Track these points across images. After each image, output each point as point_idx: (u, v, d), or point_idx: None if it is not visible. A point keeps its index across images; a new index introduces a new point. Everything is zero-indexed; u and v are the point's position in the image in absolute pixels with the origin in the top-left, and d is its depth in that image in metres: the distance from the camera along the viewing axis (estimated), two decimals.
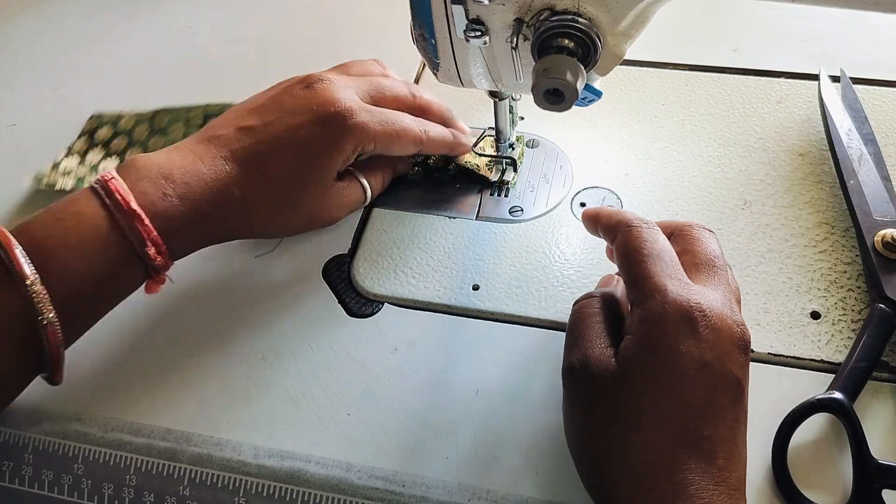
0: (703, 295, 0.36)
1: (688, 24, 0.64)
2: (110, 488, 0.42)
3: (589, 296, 0.40)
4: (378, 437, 0.42)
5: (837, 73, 0.55)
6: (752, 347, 0.43)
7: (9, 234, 0.39)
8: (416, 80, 0.62)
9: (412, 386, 0.44)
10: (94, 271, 0.41)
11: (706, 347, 0.34)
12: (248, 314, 0.48)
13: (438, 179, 0.54)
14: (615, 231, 0.39)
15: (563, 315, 0.46)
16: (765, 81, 0.58)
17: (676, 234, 0.40)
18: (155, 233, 0.42)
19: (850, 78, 0.54)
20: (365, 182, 0.50)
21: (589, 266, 0.48)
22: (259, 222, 0.46)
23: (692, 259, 0.38)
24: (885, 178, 0.48)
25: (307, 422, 0.43)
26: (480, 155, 0.54)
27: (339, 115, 0.45)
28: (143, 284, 0.44)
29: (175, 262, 0.44)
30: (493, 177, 0.53)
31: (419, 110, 0.51)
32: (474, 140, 0.53)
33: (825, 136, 0.52)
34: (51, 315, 0.39)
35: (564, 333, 0.45)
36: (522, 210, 0.52)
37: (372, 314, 0.47)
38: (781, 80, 0.58)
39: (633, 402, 0.34)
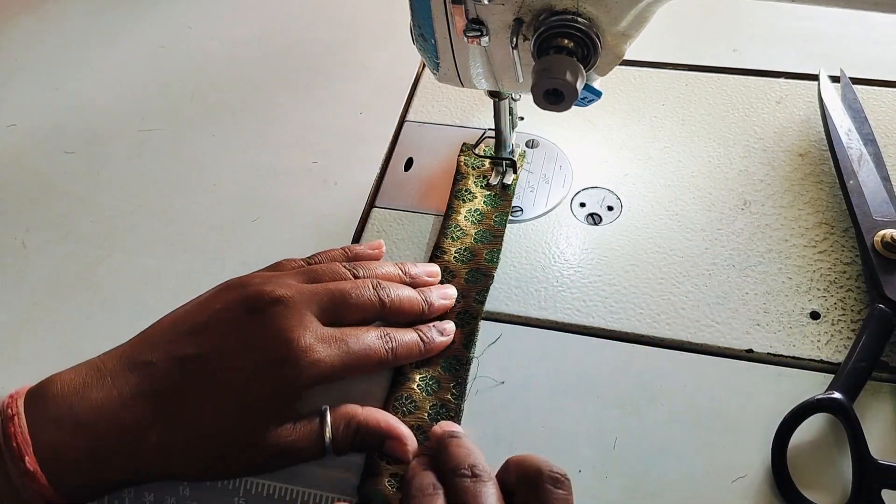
0: None
1: (688, 24, 0.64)
2: None
3: None
4: None
5: (837, 74, 0.55)
6: (752, 347, 0.44)
7: None
8: (416, 81, 0.62)
9: None
10: None
11: None
12: None
13: None
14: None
15: (563, 315, 0.46)
16: (765, 81, 0.58)
17: (524, 482, 0.36)
18: (50, 491, 0.36)
19: (850, 78, 0.54)
20: (328, 432, 0.40)
21: (589, 266, 0.48)
22: (180, 470, 0.39)
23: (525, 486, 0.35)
24: (885, 179, 0.48)
25: None
26: (480, 157, 0.54)
27: (289, 356, 0.38)
28: None
29: None
30: (493, 179, 0.53)
31: (390, 316, 0.43)
32: (450, 338, 0.45)
33: (825, 137, 0.52)
34: None
35: (564, 334, 0.45)
36: (522, 210, 0.52)
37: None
38: (781, 80, 0.58)
39: None
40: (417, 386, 0.43)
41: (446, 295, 0.46)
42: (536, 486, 0.35)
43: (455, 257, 0.48)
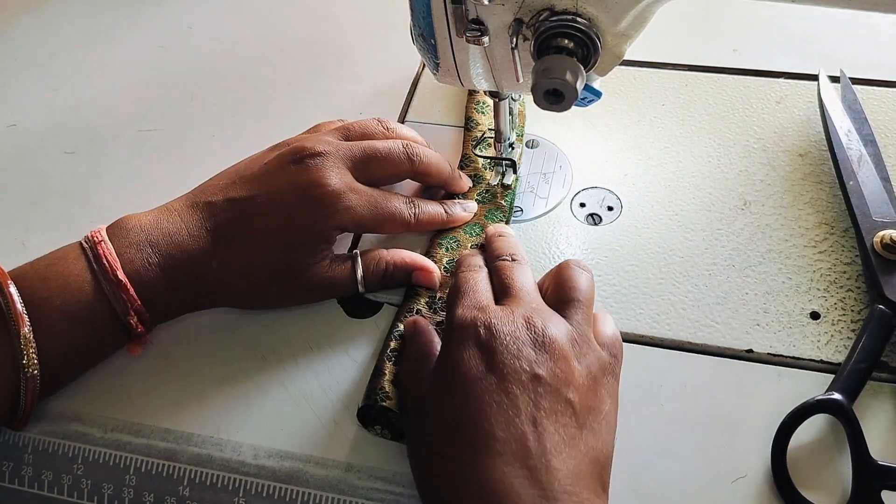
0: (496, 314, 0.38)
1: (688, 24, 0.64)
2: (110, 488, 0.42)
3: (409, 345, 0.43)
4: (378, 437, 0.42)
5: (837, 74, 0.55)
6: (752, 347, 0.44)
7: (10, 281, 0.40)
8: (416, 81, 0.62)
9: None
10: (77, 334, 0.42)
11: (490, 352, 0.37)
12: (248, 314, 0.48)
13: None
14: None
15: None
16: (764, 82, 0.58)
17: (553, 271, 0.44)
18: (139, 302, 0.42)
19: (850, 78, 0.54)
20: (360, 270, 0.46)
21: (589, 266, 0.48)
22: (236, 297, 0.46)
23: (553, 292, 0.42)
24: (885, 180, 0.48)
25: (307, 422, 0.43)
26: (479, 156, 0.54)
27: (324, 197, 0.44)
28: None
29: (158, 325, 0.45)
30: (493, 179, 0.53)
31: (418, 176, 0.49)
32: (470, 215, 0.51)
33: (825, 137, 0.52)
34: (35, 370, 0.40)
35: None
36: (522, 210, 0.52)
37: (372, 315, 0.47)
38: (781, 80, 0.58)
39: (428, 427, 0.37)
40: (443, 269, 0.48)
41: (464, 182, 0.52)
42: (563, 268, 0.43)
43: (445, 267, 0.48)
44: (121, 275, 0.42)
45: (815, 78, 0.55)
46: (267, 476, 0.41)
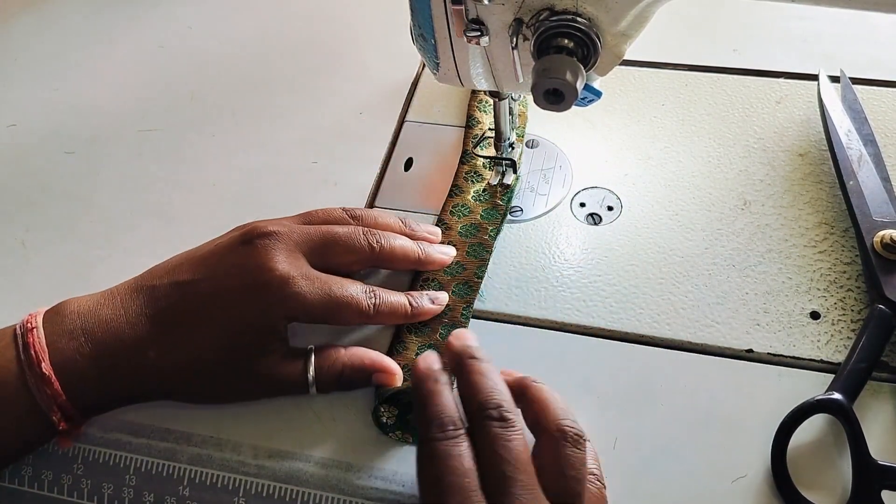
0: None
1: (688, 24, 0.64)
2: (110, 488, 0.42)
3: None
4: (378, 436, 0.42)
5: (837, 74, 0.55)
6: (752, 347, 0.44)
7: None
8: (416, 81, 0.62)
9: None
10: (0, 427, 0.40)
11: None
12: None
13: None
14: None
15: (563, 315, 0.46)
16: (764, 81, 0.58)
17: (544, 447, 0.36)
18: (63, 397, 0.40)
19: (850, 78, 0.54)
20: (311, 371, 0.42)
21: (589, 266, 0.48)
22: (176, 391, 0.42)
23: (549, 479, 0.35)
24: (885, 180, 0.48)
25: (307, 422, 0.43)
26: (479, 157, 0.54)
27: (271, 283, 0.41)
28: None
29: (90, 418, 0.43)
30: (493, 179, 0.53)
31: (382, 263, 0.46)
32: (440, 308, 0.46)
33: (825, 137, 0.52)
34: None
35: (564, 334, 0.45)
36: (522, 210, 0.52)
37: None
38: (781, 80, 0.58)
39: None
40: (415, 354, 0.44)
41: (444, 251, 0.48)
42: (554, 442, 0.36)
43: (445, 270, 0.48)
44: (45, 367, 0.39)
45: (815, 78, 0.55)
46: (267, 476, 0.41)
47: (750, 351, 0.44)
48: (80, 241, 0.54)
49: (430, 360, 0.39)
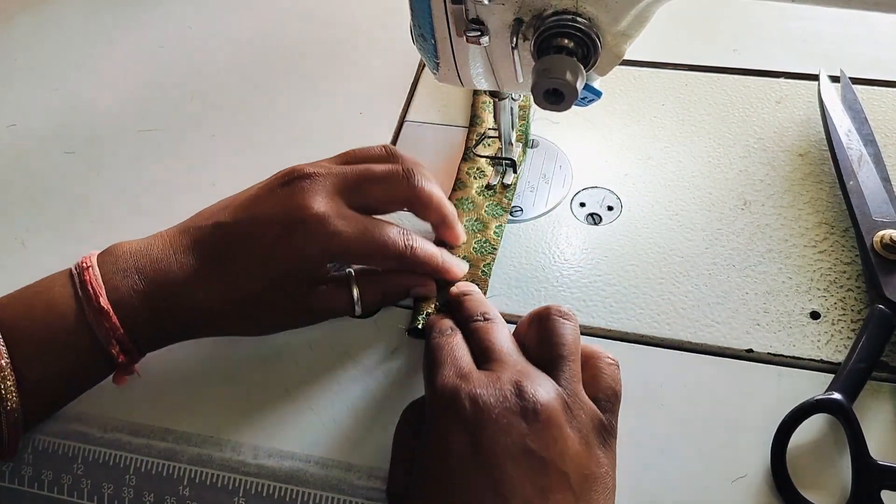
0: (481, 382, 0.36)
1: (688, 24, 0.64)
2: (110, 488, 0.42)
3: (410, 404, 0.41)
4: (378, 436, 0.42)
5: (837, 74, 0.55)
6: (752, 347, 0.44)
7: None
8: (416, 81, 0.62)
9: (412, 386, 0.44)
10: (60, 363, 0.41)
11: (476, 428, 0.34)
12: None
13: None
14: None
15: None
16: (764, 81, 0.58)
17: (534, 321, 0.40)
18: (121, 331, 0.41)
19: (850, 78, 0.54)
20: (356, 294, 0.45)
21: (589, 266, 0.48)
22: (221, 325, 0.44)
23: (537, 348, 0.39)
24: (885, 180, 0.48)
25: (307, 422, 0.43)
26: (479, 156, 0.54)
27: (307, 222, 0.42)
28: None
29: (145, 355, 0.44)
30: (493, 179, 0.53)
31: (417, 203, 0.46)
32: (465, 270, 0.48)
33: (825, 137, 0.52)
34: (13, 403, 0.39)
35: None
36: (522, 210, 0.52)
37: (372, 314, 0.47)
38: (781, 80, 0.58)
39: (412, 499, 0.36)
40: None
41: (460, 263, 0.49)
42: (545, 319, 0.40)
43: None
44: (104, 302, 0.40)
45: (815, 78, 0.55)
46: (267, 476, 0.41)
47: (750, 351, 0.44)
48: (80, 241, 0.54)
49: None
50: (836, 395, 0.39)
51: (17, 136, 0.62)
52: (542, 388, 0.36)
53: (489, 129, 0.56)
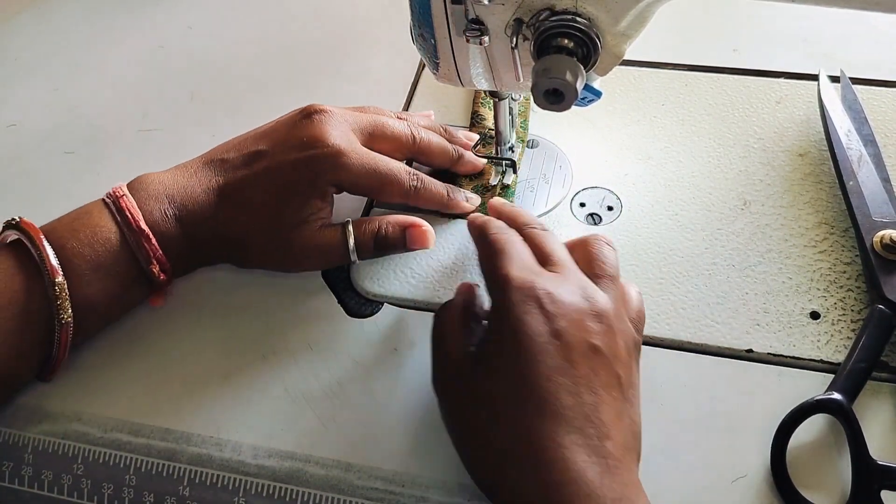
0: (551, 281, 0.38)
1: (688, 24, 0.64)
2: (110, 488, 0.42)
3: (448, 303, 0.42)
4: (378, 437, 0.42)
5: (837, 74, 0.55)
6: (752, 347, 0.44)
7: (42, 235, 0.42)
8: (416, 81, 0.62)
9: (412, 386, 0.44)
10: (105, 284, 0.44)
11: (554, 319, 0.36)
12: (248, 314, 0.48)
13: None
14: (478, 239, 0.42)
15: None
16: (764, 81, 0.58)
17: (577, 245, 0.42)
18: (160, 251, 0.44)
19: (850, 78, 0.54)
20: (351, 235, 0.47)
21: None
22: (245, 254, 0.47)
23: (584, 266, 0.41)
24: (885, 180, 0.48)
25: (307, 422, 0.43)
26: (480, 156, 0.54)
27: (323, 150, 0.45)
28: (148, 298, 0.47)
29: (178, 277, 0.48)
30: (493, 179, 0.53)
31: (421, 155, 0.50)
32: (476, 203, 0.51)
33: (825, 137, 0.52)
34: (69, 318, 0.41)
35: None
36: None
37: (372, 314, 0.47)
38: (781, 80, 0.58)
39: (488, 386, 0.36)
40: None
41: (477, 162, 0.52)
42: (590, 243, 0.42)
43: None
44: (143, 224, 0.44)
45: (815, 78, 0.55)
46: (267, 476, 0.41)
47: (750, 351, 0.44)
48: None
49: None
50: (836, 395, 0.39)
51: (17, 136, 0.62)
52: (602, 297, 0.38)
53: (489, 129, 0.56)
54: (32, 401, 0.45)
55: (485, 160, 0.53)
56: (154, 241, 0.44)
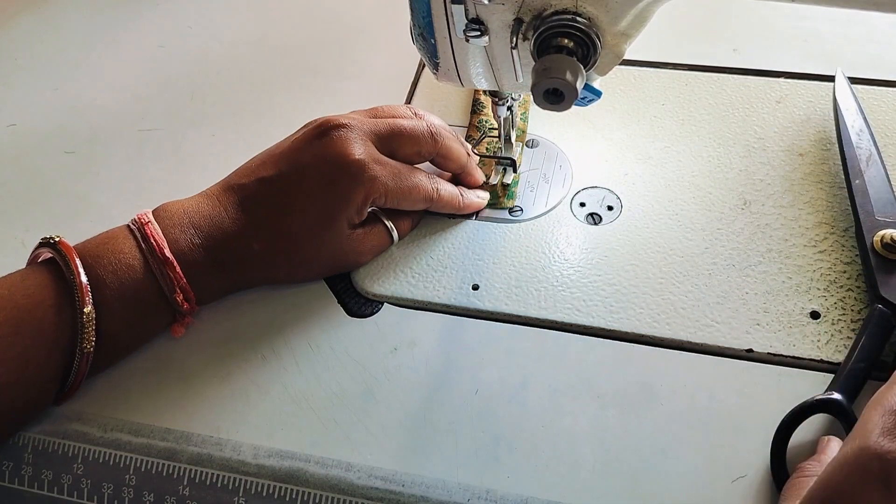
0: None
1: (688, 24, 0.64)
2: (110, 488, 0.42)
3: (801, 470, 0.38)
4: (378, 437, 0.42)
5: (837, 74, 0.55)
6: (752, 347, 0.44)
7: (77, 259, 0.42)
8: (416, 81, 0.62)
9: (412, 386, 0.44)
10: (128, 313, 0.43)
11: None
12: (248, 314, 0.48)
13: None
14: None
15: (563, 315, 0.46)
16: (764, 81, 0.58)
17: None
18: (184, 280, 0.44)
19: (850, 78, 0.54)
20: (390, 224, 0.49)
21: (589, 266, 0.48)
22: (278, 274, 0.48)
23: None
24: (888, 180, 0.48)
25: (307, 422, 0.43)
26: (480, 156, 0.54)
27: (349, 168, 0.45)
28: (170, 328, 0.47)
29: (202, 306, 0.47)
30: (493, 179, 0.53)
31: (439, 158, 0.50)
32: (485, 201, 0.52)
33: (834, 136, 0.51)
34: (91, 348, 0.41)
35: (564, 334, 0.45)
36: (522, 210, 0.52)
37: (372, 314, 0.47)
38: (781, 80, 0.58)
39: None
40: None
41: (480, 195, 0.52)
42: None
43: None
44: (168, 253, 0.43)
45: (815, 78, 0.55)
46: (267, 476, 0.41)
47: (750, 351, 0.44)
48: (80, 242, 0.53)
49: None
50: (836, 395, 0.39)
51: (17, 136, 0.62)
52: None
53: (489, 129, 0.56)
54: None
55: (484, 171, 0.53)
56: (178, 269, 0.44)
